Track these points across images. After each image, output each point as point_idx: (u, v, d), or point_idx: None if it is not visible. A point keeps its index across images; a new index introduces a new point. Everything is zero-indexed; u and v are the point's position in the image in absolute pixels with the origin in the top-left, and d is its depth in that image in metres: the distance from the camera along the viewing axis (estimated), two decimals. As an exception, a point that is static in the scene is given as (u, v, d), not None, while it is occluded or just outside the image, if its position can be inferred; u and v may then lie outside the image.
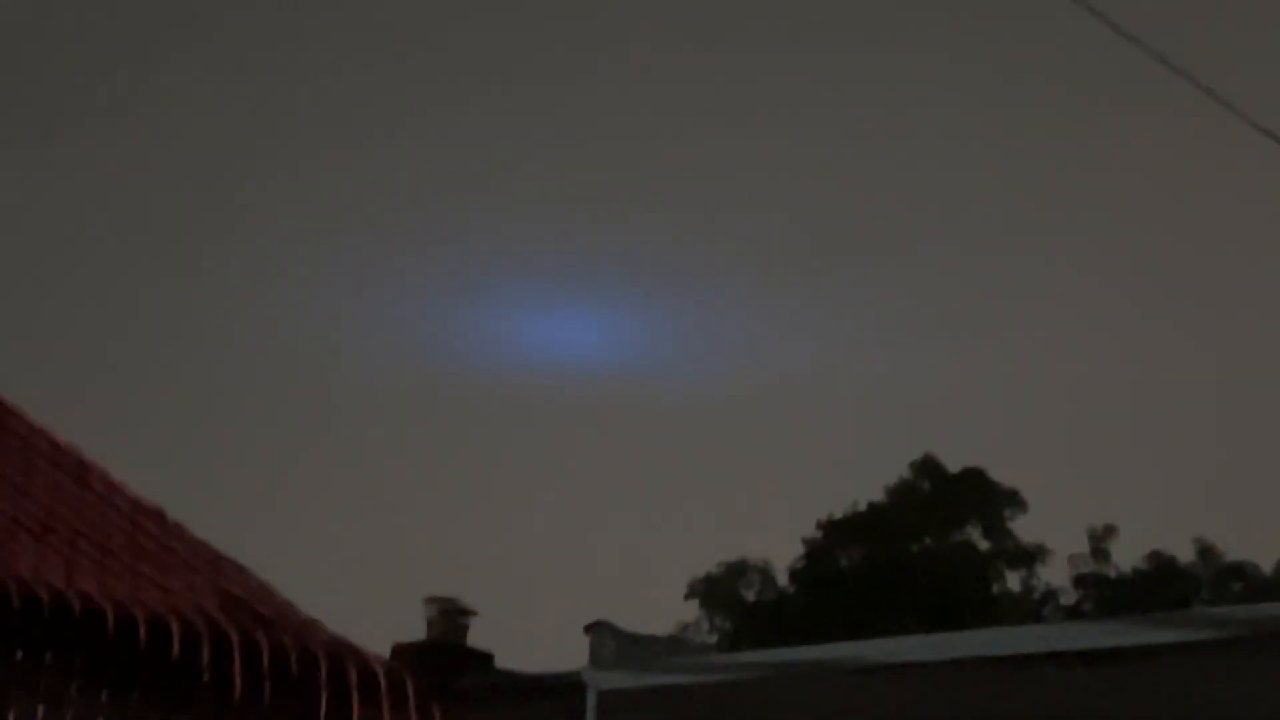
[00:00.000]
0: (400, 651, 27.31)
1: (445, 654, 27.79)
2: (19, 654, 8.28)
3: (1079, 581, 48.46)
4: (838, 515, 48.75)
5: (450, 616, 28.57)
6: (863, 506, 48.78)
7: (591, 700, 23.58)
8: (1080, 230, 59.24)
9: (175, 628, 8.06)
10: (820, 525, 48.72)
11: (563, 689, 23.91)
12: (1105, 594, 46.96)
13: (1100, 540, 48.36)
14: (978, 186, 58.46)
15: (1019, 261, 58.85)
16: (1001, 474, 48.53)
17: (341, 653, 8.31)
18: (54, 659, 8.23)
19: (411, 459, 56.54)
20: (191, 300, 54.37)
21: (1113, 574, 48.01)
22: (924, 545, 48.13)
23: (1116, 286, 59.13)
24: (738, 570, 50.17)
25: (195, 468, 47.24)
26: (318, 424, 56.49)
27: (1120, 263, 59.44)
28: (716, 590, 50.03)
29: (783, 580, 49.61)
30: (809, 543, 48.77)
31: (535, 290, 55.81)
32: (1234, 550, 47.02)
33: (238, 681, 7.90)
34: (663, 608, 48.85)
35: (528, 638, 33.32)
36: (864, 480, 49.32)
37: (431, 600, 28.78)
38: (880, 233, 58.71)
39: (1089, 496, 49.38)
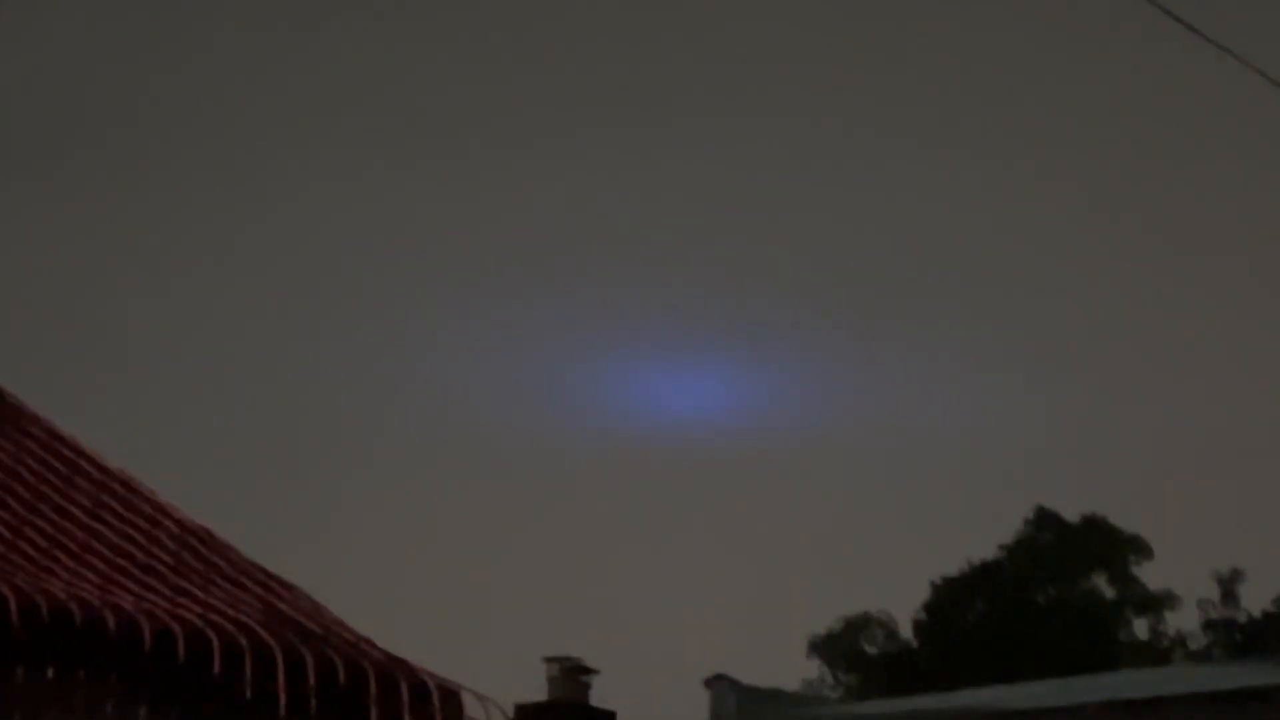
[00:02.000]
0: (524, 712, 27.27)
1: (568, 713, 27.72)
2: (50, 671, 8.16)
3: (1208, 626, 47.77)
4: (956, 570, 48.36)
5: (572, 675, 28.50)
6: (980, 560, 48.36)
7: (714, 754, 23.53)
8: (1193, 262, 58.69)
9: (216, 642, 7.94)
10: (939, 584, 48.35)
11: (685, 744, 23.85)
12: (1234, 638, 46.27)
13: (1228, 584, 47.69)
14: (1083, 219, 58.07)
15: (1134, 298, 58.39)
16: (1123, 520, 48.00)
17: (393, 669, 8.17)
18: (88, 676, 8.10)
19: (532, 516, 56.61)
20: (321, 344, 54.87)
21: (1241, 618, 47.31)
22: (1049, 595, 47.61)
23: (1237, 322, 58.52)
24: (859, 625, 49.81)
25: (317, 525, 47.54)
26: (440, 482, 56.62)
27: (1240, 296, 58.83)
28: (838, 645, 49.69)
29: (906, 633, 49.23)
30: (932, 597, 48.39)
31: (657, 348, 55.85)
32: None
33: (282, 697, 7.75)
34: (785, 665, 48.58)
35: (650, 696, 33.22)
36: (982, 531, 48.92)
37: (553, 660, 28.71)
38: (983, 277, 58.45)
39: (1215, 540, 48.78)
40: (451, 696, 8.33)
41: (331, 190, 56.41)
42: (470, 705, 8.39)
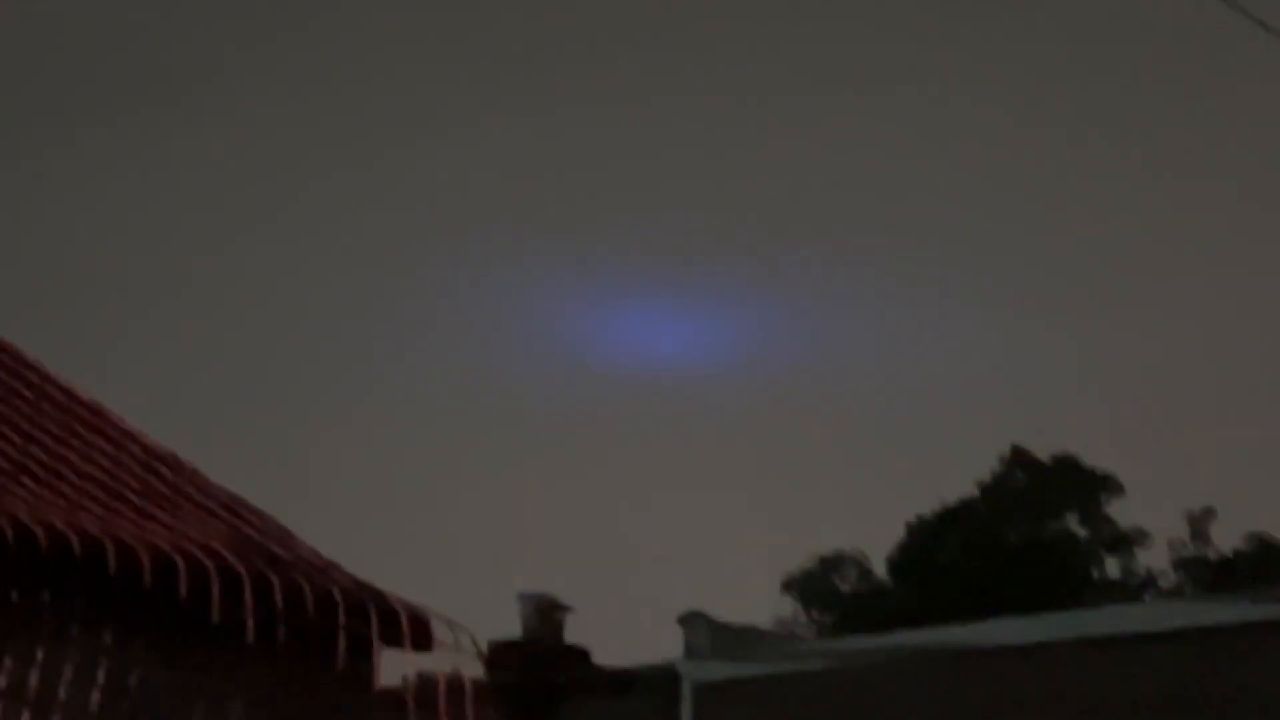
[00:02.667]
0: (496, 649, 27.30)
1: (541, 651, 27.75)
2: (15, 595, 8.09)
3: (1179, 565, 47.99)
4: (931, 506, 48.52)
5: (546, 613, 28.51)
6: (954, 499, 48.52)
7: (687, 691, 23.52)
8: (1170, 203, 58.66)
9: (182, 566, 7.88)
10: (913, 522, 48.49)
11: (658, 681, 23.86)
12: (1205, 576, 46.48)
13: (1199, 523, 47.88)
14: (1059, 157, 58.04)
15: (1106, 236, 58.41)
16: (1095, 459, 48.15)
17: (361, 595, 8.12)
18: (53, 599, 8.05)
19: (506, 454, 56.68)
20: (304, 286, 54.81)
21: (1213, 557, 47.52)
22: (1021, 534, 47.78)
23: (1208, 261, 58.58)
24: (833, 563, 49.98)
25: (291, 459, 47.52)
26: (414, 418, 56.64)
27: (1214, 236, 58.87)
28: (812, 583, 49.85)
29: (880, 572, 49.40)
30: (907, 534, 48.53)
31: (631, 285, 55.78)
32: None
33: (249, 621, 7.70)
34: (759, 603, 48.70)
35: (624, 633, 33.30)
36: (955, 469, 49.06)
37: (526, 597, 28.72)
38: (955, 214, 58.41)
39: (1186, 478, 48.87)
40: (421, 622, 8.30)
41: (313, 139, 56.19)
42: (440, 632, 8.37)
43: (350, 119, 56.42)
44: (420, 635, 8.32)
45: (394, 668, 8.59)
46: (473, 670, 8.68)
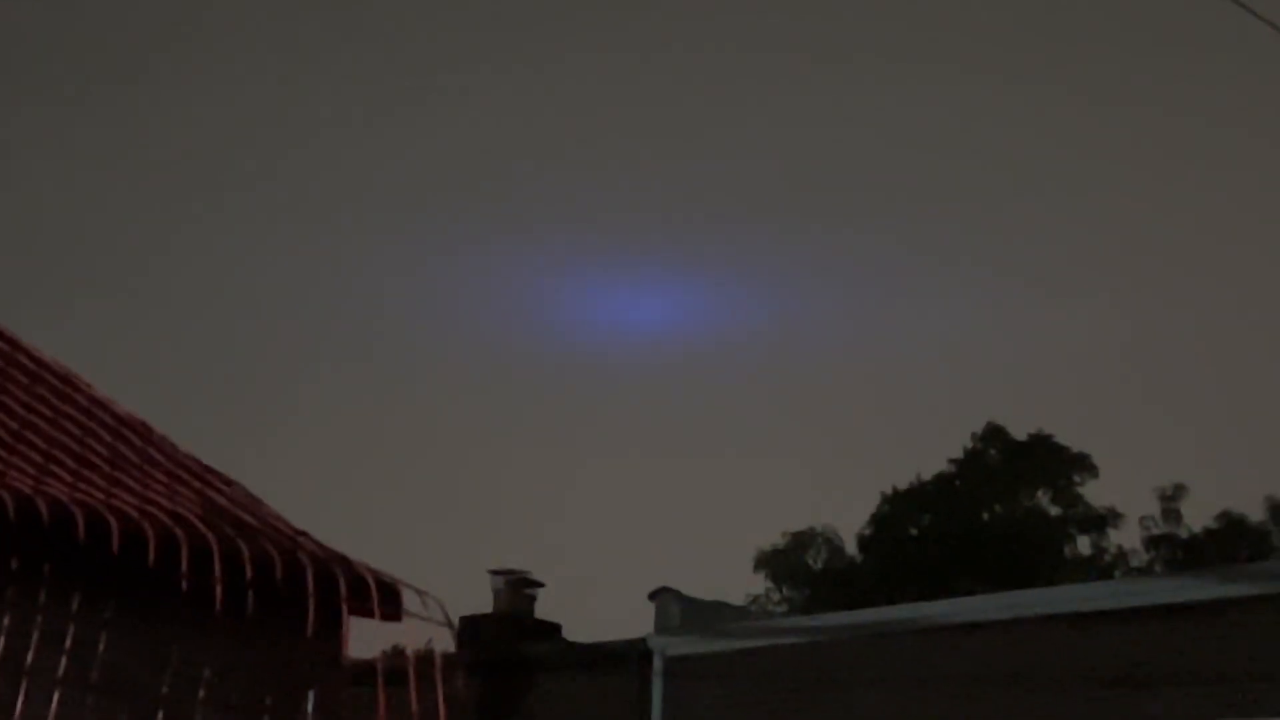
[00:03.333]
0: (468, 623, 27.33)
1: (513, 625, 27.79)
2: None
3: (1150, 543, 48.11)
4: (903, 485, 48.58)
5: (517, 588, 28.55)
6: (928, 476, 48.58)
7: (658, 665, 23.55)
8: (1142, 182, 58.79)
9: (151, 534, 7.84)
10: (886, 498, 48.53)
11: (630, 656, 23.89)
12: (1176, 554, 46.61)
13: (1170, 501, 48.00)
14: (1033, 138, 58.13)
15: (1081, 215, 58.52)
16: (1069, 438, 48.28)
17: (330, 563, 8.09)
18: (21, 566, 7.99)
19: (478, 430, 56.65)
20: (270, 264, 54.69)
21: (1184, 535, 47.65)
22: (994, 512, 47.86)
23: (1181, 243, 58.70)
24: (805, 540, 50.03)
25: (263, 432, 47.48)
26: (385, 394, 56.59)
27: (1186, 216, 58.99)
28: (783, 560, 49.90)
29: (851, 549, 49.46)
30: (878, 512, 48.59)
31: (602, 261, 55.81)
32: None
33: (218, 589, 7.66)
34: (731, 580, 48.83)
35: (596, 608, 33.33)
36: (928, 448, 49.20)
37: (498, 572, 28.76)
38: (936, 190, 58.47)
39: (1159, 458, 49.10)
40: (390, 591, 8.28)
41: (295, 104, 56.01)
42: (410, 601, 8.36)
43: (325, 94, 56.26)
44: (389, 604, 8.30)
45: (364, 636, 8.59)
46: (443, 640, 8.68)
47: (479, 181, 57.68)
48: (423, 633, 8.63)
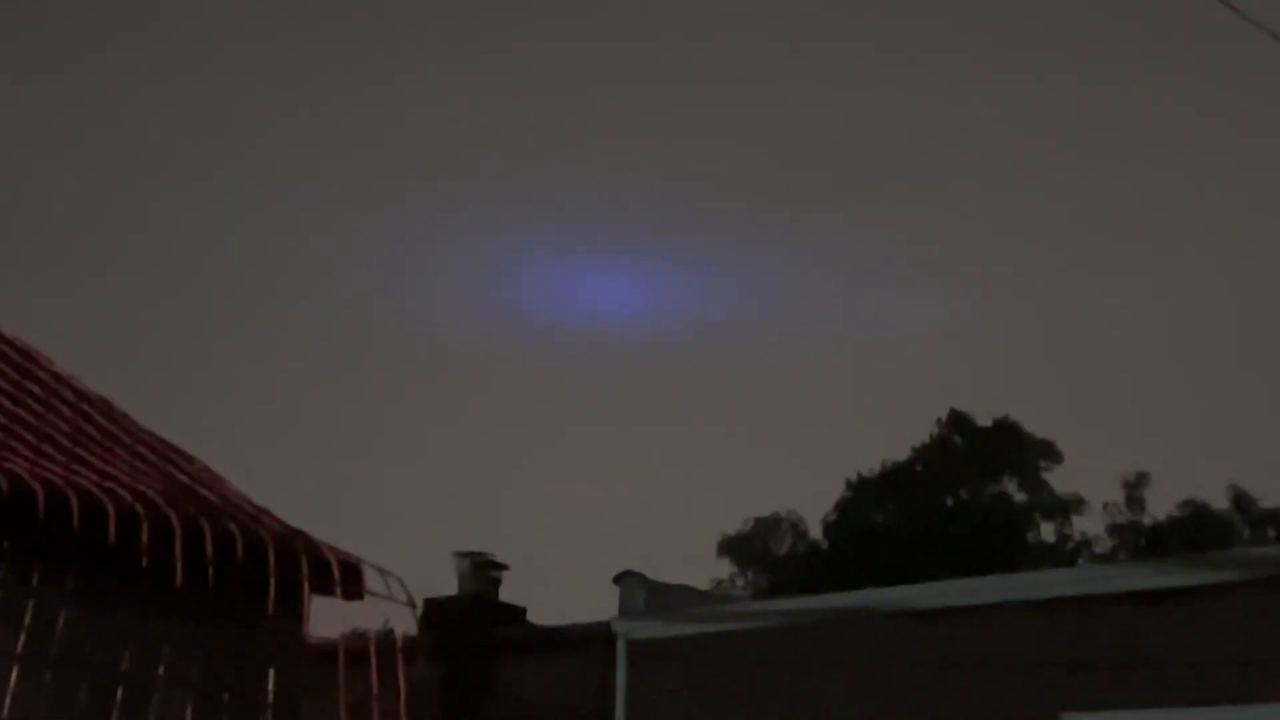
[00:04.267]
0: (432, 605, 27.25)
1: (477, 608, 27.71)
2: None
3: (1114, 530, 48.25)
4: (868, 471, 48.62)
5: (482, 570, 28.47)
6: (892, 462, 48.64)
7: (621, 649, 23.52)
8: (1103, 169, 58.88)
9: (111, 510, 7.77)
10: (850, 485, 48.58)
11: (593, 640, 23.85)
12: (1140, 542, 46.76)
13: (1134, 488, 48.15)
14: (999, 123, 58.16)
15: (1044, 201, 58.60)
16: (1034, 424, 48.37)
17: (292, 541, 8.02)
18: None
19: (443, 413, 56.58)
20: (235, 242, 54.53)
21: (1147, 522, 47.80)
22: (958, 498, 47.94)
23: (1146, 232, 58.81)
24: (770, 525, 50.09)
25: (231, 417, 47.32)
26: (350, 376, 56.48)
27: (1149, 202, 59.07)
28: (749, 546, 49.95)
29: (816, 534, 49.51)
30: (842, 498, 48.65)
31: (570, 246, 55.76)
32: (1269, 497, 46.83)
33: (178, 567, 7.60)
34: (696, 565, 48.83)
35: (561, 592, 33.28)
36: (893, 434, 49.26)
37: (463, 555, 28.67)
38: (900, 176, 58.50)
39: (1123, 445, 49.21)
40: (352, 569, 8.22)
41: (261, 85, 55.77)
42: (372, 580, 8.29)
43: (291, 74, 56.06)
44: (351, 583, 8.24)
45: (326, 615, 8.53)
46: (405, 620, 8.62)
47: (449, 162, 57.56)
48: (385, 613, 8.58)
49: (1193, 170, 57.85)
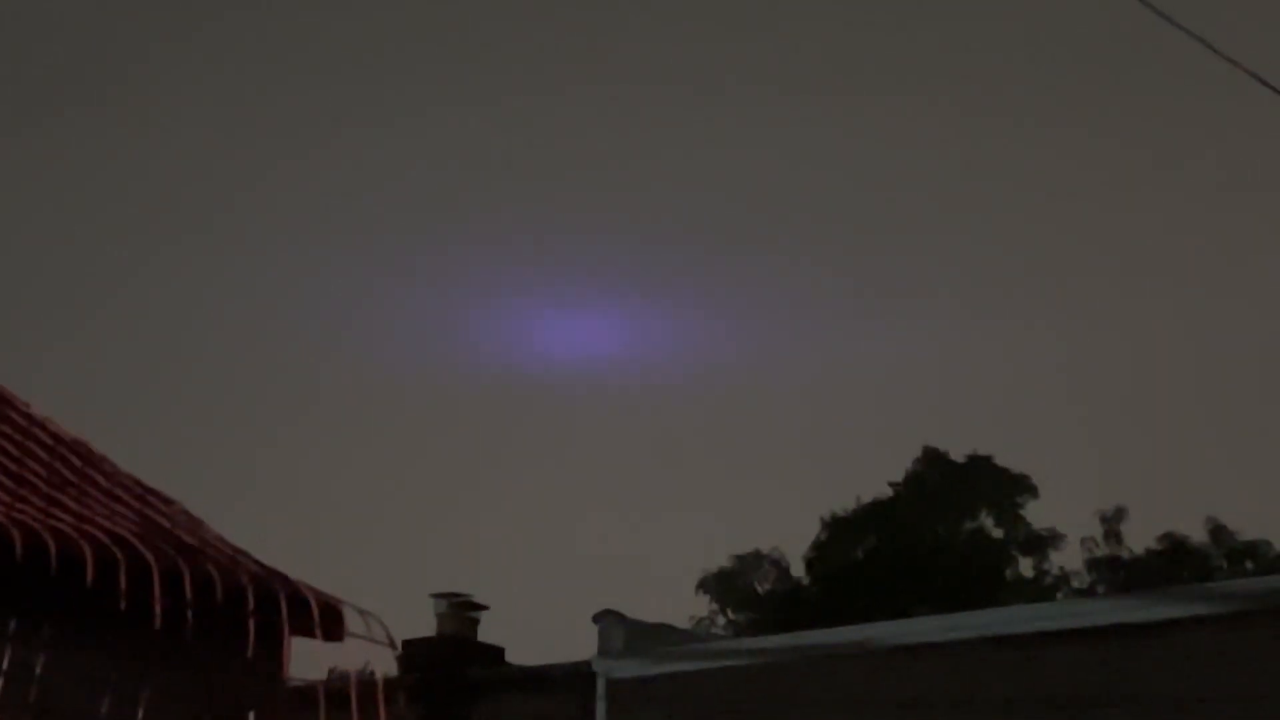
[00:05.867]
0: (411, 647, 27.21)
1: (456, 649, 27.67)
2: None
3: (1092, 565, 48.27)
4: (846, 507, 48.66)
5: (460, 611, 28.45)
6: (870, 499, 48.67)
7: (601, 689, 23.51)
8: (1084, 209, 59.10)
9: (89, 553, 7.75)
10: (826, 523, 48.62)
11: (573, 679, 23.83)
12: (1118, 576, 46.77)
13: (1112, 523, 48.18)
14: (969, 166, 58.39)
15: (1018, 237, 58.79)
16: (1011, 460, 48.43)
17: (272, 583, 8.01)
18: None
19: (420, 455, 56.53)
20: (215, 285, 54.52)
21: (1125, 556, 47.83)
22: (936, 534, 47.95)
23: (1120, 258, 59.01)
24: (751, 563, 50.04)
25: (209, 463, 47.25)
26: (327, 420, 56.44)
27: (1122, 240, 59.30)
28: (729, 583, 49.90)
29: (797, 572, 49.49)
30: (820, 536, 48.66)
31: (545, 290, 55.81)
32: (1246, 530, 46.91)
33: (157, 610, 7.57)
34: (675, 604, 48.81)
35: (540, 632, 33.25)
36: (870, 471, 49.29)
37: (441, 596, 28.64)
38: (871, 217, 58.65)
39: (1100, 479, 49.28)
40: (332, 610, 8.20)
41: (242, 132, 55.84)
42: (352, 621, 8.28)
43: (272, 122, 56.13)
44: (331, 624, 8.22)
45: (307, 658, 8.53)
46: (386, 662, 8.61)
47: (428, 208, 57.63)
48: (365, 654, 8.57)
49: (1158, 205, 58.12)
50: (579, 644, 27.14)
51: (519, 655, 28.17)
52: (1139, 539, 47.94)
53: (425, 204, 57.95)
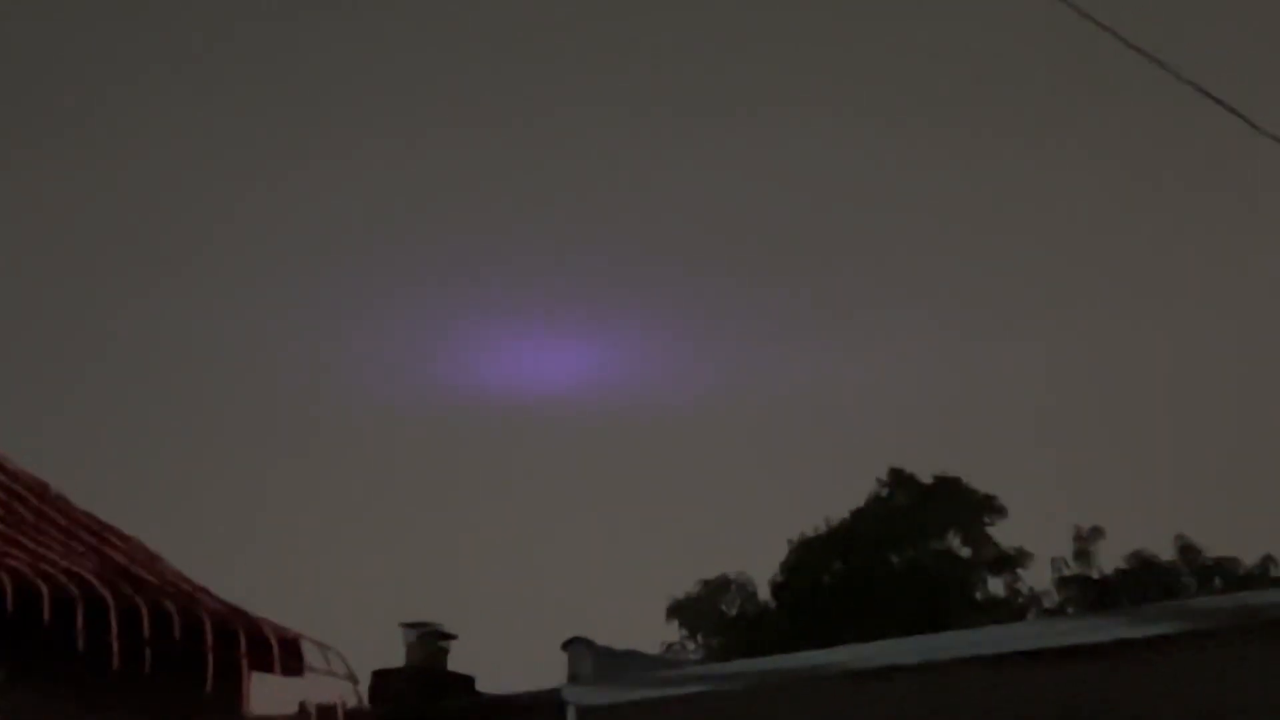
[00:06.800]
0: (381, 678, 27.07)
1: (425, 679, 27.55)
2: None
3: (1062, 584, 48.35)
4: (813, 529, 48.68)
5: (429, 641, 28.31)
6: (837, 520, 48.69)
7: (572, 717, 23.38)
8: (1046, 224, 59.21)
9: (46, 592, 7.66)
10: (793, 546, 48.64)
11: (543, 708, 23.71)
12: (1088, 595, 46.85)
13: (1086, 542, 48.28)
14: (933, 181, 58.41)
15: (983, 255, 58.84)
16: (978, 480, 48.50)
17: (230, 619, 7.93)
18: None
19: (387, 483, 56.35)
20: (172, 314, 54.28)
21: (1095, 575, 47.91)
22: (904, 556, 47.99)
23: (1088, 275, 59.10)
24: (720, 588, 50.04)
25: (173, 490, 47.06)
26: (291, 448, 56.22)
27: (1091, 256, 59.40)
28: (698, 608, 49.87)
29: (765, 596, 49.47)
30: (787, 560, 48.66)
31: (510, 314, 55.67)
32: (1215, 547, 47.04)
33: (115, 647, 7.49)
34: (646, 630, 48.70)
35: (510, 660, 33.08)
36: (837, 493, 49.23)
37: (409, 625, 28.51)
38: (833, 237, 58.69)
39: (1069, 497, 49.27)
40: (291, 645, 8.12)
41: (189, 157, 55.65)
42: (312, 656, 8.19)
43: (217, 146, 55.97)
44: (291, 659, 8.13)
45: (278, 692, 8.42)
46: (349, 694, 8.52)
47: (380, 237, 57.55)
48: (331, 688, 8.48)
49: (1128, 225, 58.26)
50: (549, 672, 27.05)
51: (489, 684, 28.04)
52: (1109, 558, 48.08)
53: (379, 232, 57.83)
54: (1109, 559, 47.99)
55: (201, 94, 54.59)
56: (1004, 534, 48.55)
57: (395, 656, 28.28)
